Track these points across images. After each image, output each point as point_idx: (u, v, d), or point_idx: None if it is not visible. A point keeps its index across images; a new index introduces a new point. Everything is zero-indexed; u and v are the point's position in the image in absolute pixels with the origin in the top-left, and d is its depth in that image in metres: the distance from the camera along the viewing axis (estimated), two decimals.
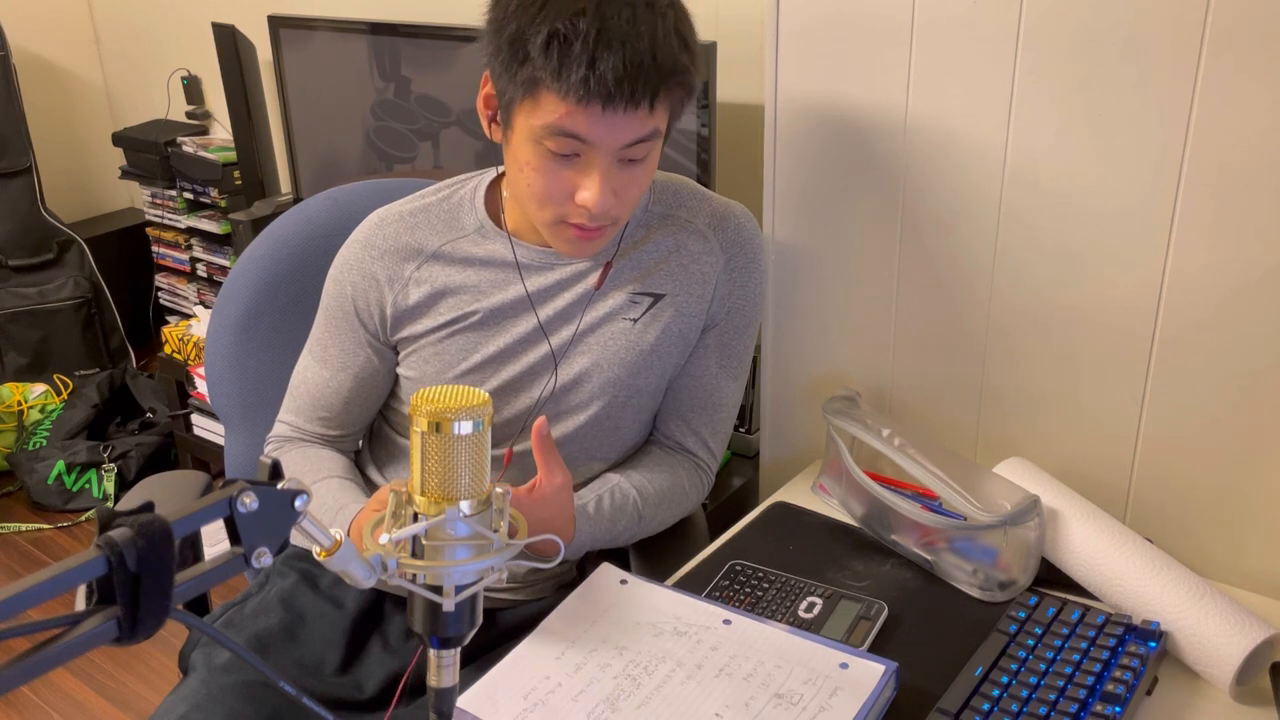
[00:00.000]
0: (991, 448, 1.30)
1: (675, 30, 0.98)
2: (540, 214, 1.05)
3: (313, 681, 1.11)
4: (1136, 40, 1.07)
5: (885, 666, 0.94)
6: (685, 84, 1.00)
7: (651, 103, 0.97)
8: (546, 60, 0.94)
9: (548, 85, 0.95)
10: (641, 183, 1.05)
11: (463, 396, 0.67)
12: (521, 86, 0.98)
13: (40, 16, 3.24)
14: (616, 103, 0.95)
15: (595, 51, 0.93)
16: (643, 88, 0.95)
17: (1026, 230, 1.20)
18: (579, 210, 1.02)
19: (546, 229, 1.06)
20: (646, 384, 1.17)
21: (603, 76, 0.93)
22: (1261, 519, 1.14)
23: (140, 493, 1.32)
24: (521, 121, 1.00)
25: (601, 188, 1.00)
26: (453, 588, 0.68)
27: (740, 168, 1.88)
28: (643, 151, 1.01)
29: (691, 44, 1.01)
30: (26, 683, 0.48)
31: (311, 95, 2.46)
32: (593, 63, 0.93)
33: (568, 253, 1.09)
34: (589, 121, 0.96)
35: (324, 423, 1.21)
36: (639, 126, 0.98)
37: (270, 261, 1.34)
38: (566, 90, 0.94)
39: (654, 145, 1.03)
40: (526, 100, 0.98)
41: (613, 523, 1.13)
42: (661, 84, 0.96)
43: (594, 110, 0.95)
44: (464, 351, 1.14)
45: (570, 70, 0.93)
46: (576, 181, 1.01)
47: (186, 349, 2.63)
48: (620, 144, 0.99)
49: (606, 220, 1.04)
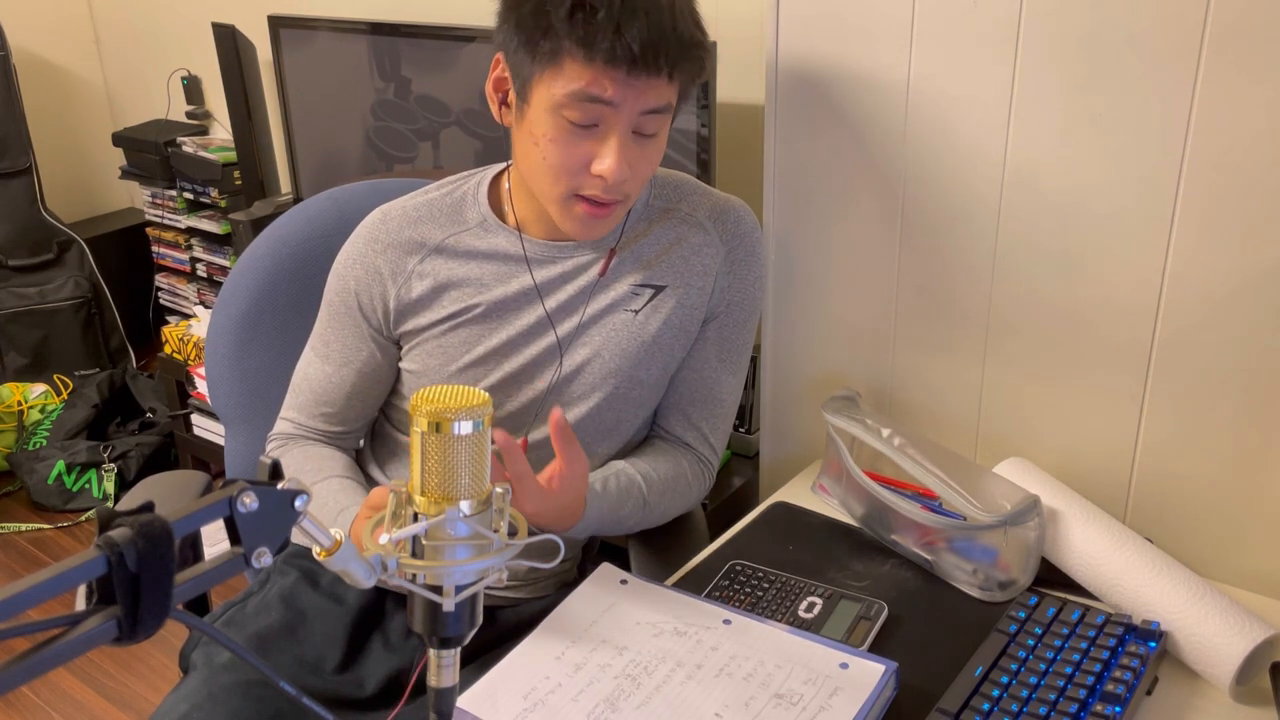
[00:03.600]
0: (991, 448, 1.30)
1: (689, 8, 1.04)
2: (554, 188, 1.06)
3: (314, 679, 1.11)
4: (1137, 40, 1.07)
5: (885, 666, 0.94)
6: (700, 60, 1.05)
7: (671, 72, 1.01)
8: (572, 29, 0.98)
9: (572, 53, 0.99)
10: (653, 159, 1.08)
11: (463, 396, 0.67)
12: (544, 57, 1.01)
13: (40, 16, 3.24)
14: (639, 69, 0.99)
15: (621, 18, 0.97)
16: (665, 56, 0.99)
17: (1026, 230, 1.20)
18: (594, 181, 1.04)
19: (557, 206, 1.08)
20: (648, 375, 1.18)
21: (628, 43, 0.97)
22: (1261, 519, 1.14)
23: (140, 493, 1.32)
24: (542, 93, 1.02)
25: (619, 156, 1.02)
26: (453, 588, 0.68)
27: (740, 168, 1.88)
28: (655, 125, 1.05)
29: (702, 25, 1.06)
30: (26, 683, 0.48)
31: (311, 95, 2.46)
32: (619, 28, 0.97)
33: (576, 233, 1.10)
34: (615, 84, 1.00)
35: (326, 419, 1.21)
36: (657, 95, 1.02)
37: (270, 261, 1.34)
38: (593, 55, 0.98)
39: (665, 120, 1.06)
40: (549, 70, 1.01)
41: (619, 504, 1.13)
42: (682, 55, 1.01)
43: (619, 74, 0.99)
44: (467, 344, 1.14)
45: (597, 37, 0.98)
46: (594, 151, 1.03)
47: (186, 349, 2.63)
48: (641, 109, 1.02)
49: (619, 194, 1.06)
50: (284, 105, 2.52)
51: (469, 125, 2.17)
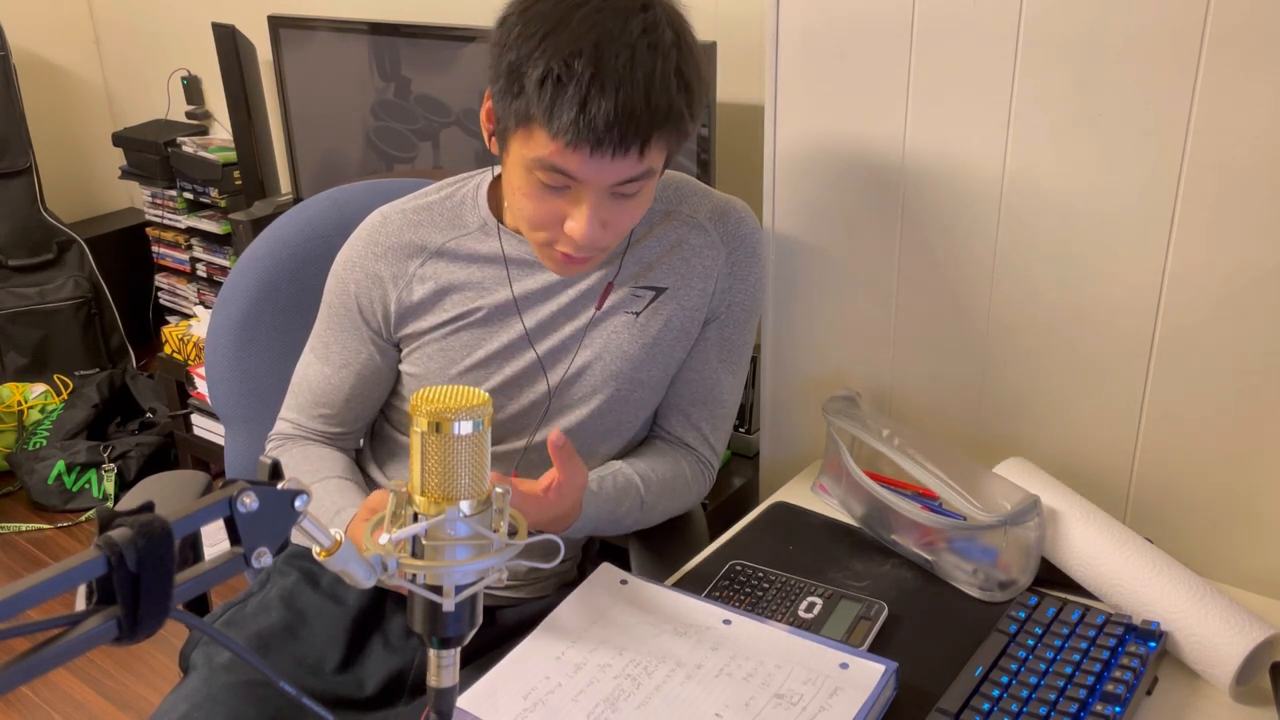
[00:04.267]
0: (991, 448, 1.30)
1: (676, 71, 0.96)
2: (531, 235, 1.06)
3: (313, 679, 1.11)
4: (1136, 40, 1.07)
5: (885, 666, 0.94)
6: (679, 128, 0.99)
7: (642, 148, 0.96)
8: (539, 98, 0.94)
9: (539, 122, 0.95)
10: (633, 215, 1.05)
11: (463, 396, 0.67)
12: (515, 116, 0.98)
13: (40, 16, 3.24)
14: (605, 147, 0.95)
15: (588, 94, 0.92)
16: (633, 134, 0.94)
17: (1026, 230, 1.20)
18: (567, 239, 1.03)
19: (536, 249, 1.08)
20: (649, 377, 1.18)
21: (592, 121, 0.93)
22: (1261, 519, 1.14)
23: (140, 493, 1.32)
24: (515, 149, 1.01)
25: (589, 221, 1.00)
26: (453, 588, 0.68)
27: (740, 168, 1.88)
28: (634, 189, 1.02)
29: (693, 84, 0.99)
30: (26, 683, 0.48)
31: (311, 95, 2.46)
32: (584, 105, 0.93)
33: (556, 272, 1.11)
34: (578, 162, 0.96)
35: (325, 420, 1.21)
36: (628, 169, 0.98)
37: (270, 261, 1.34)
38: (556, 131, 0.94)
39: (646, 183, 1.03)
40: (520, 130, 0.99)
41: (616, 503, 1.13)
42: (654, 129, 0.96)
43: (582, 153, 0.95)
44: (467, 348, 1.14)
45: (561, 111, 0.93)
46: (566, 210, 1.01)
47: (186, 349, 2.63)
48: (609, 184, 0.99)
49: (594, 251, 1.05)
50: (284, 105, 2.52)
51: (469, 125, 2.17)
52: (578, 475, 1.02)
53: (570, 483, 1.02)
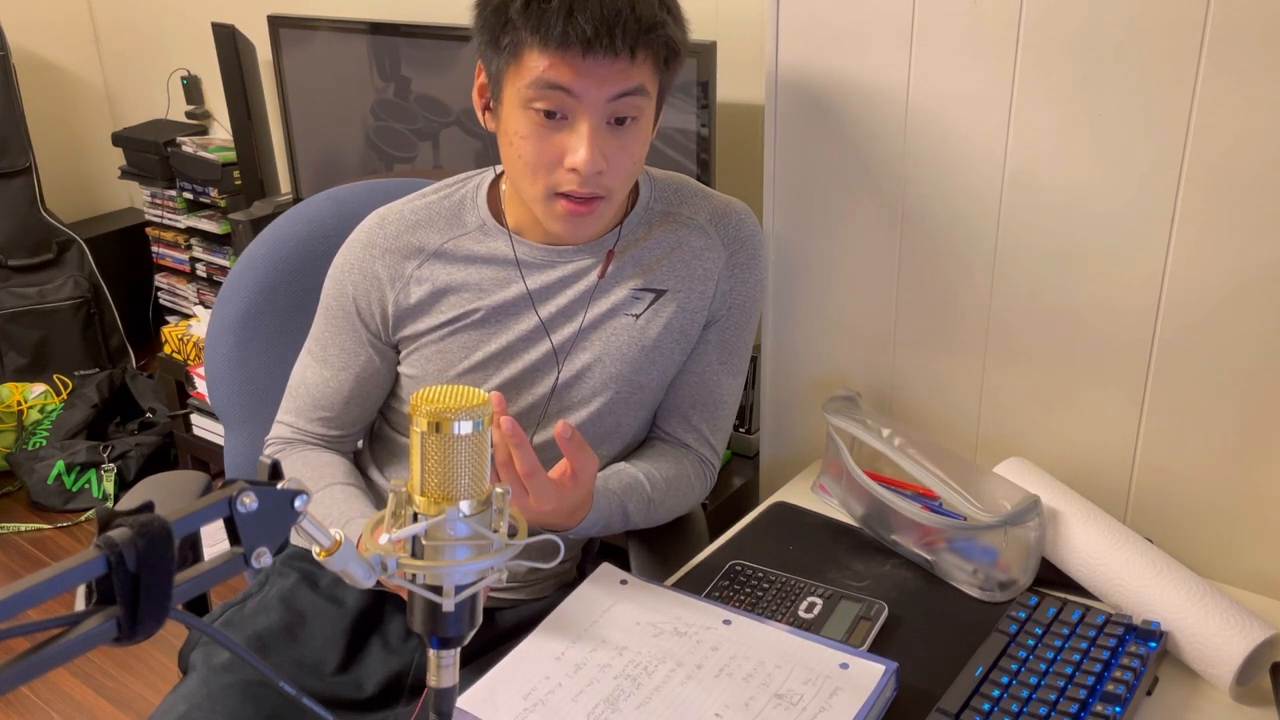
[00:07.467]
0: (991, 448, 1.30)
1: None
2: (533, 187, 1.05)
3: (313, 681, 1.11)
4: (1136, 40, 1.07)
5: (885, 666, 0.94)
6: (666, 40, 1.02)
7: (632, 52, 0.99)
8: (527, 19, 0.98)
9: (529, 43, 0.99)
10: (632, 151, 1.05)
11: (463, 396, 0.67)
12: (506, 52, 1.01)
13: (40, 16, 3.24)
14: (596, 49, 0.98)
15: (574, 3, 0.97)
16: (621, 36, 0.98)
17: (1026, 230, 1.20)
18: (570, 176, 1.03)
19: (540, 206, 1.07)
20: (649, 379, 1.17)
21: (580, 27, 0.97)
22: (1261, 519, 1.14)
23: (140, 493, 1.32)
24: (510, 89, 1.02)
25: (590, 147, 1.01)
26: (453, 588, 0.67)
27: (740, 168, 1.88)
28: (629, 109, 1.02)
29: (672, 7, 1.04)
30: (26, 683, 0.48)
31: (311, 95, 2.46)
32: (570, 14, 0.97)
33: (562, 233, 1.09)
34: (572, 71, 0.99)
35: (324, 423, 1.21)
36: (622, 79, 1.00)
37: (270, 261, 1.34)
38: (547, 41, 0.98)
39: (642, 105, 1.04)
40: (512, 65, 1.01)
41: (623, 500, 1.13)
42: (641, 35, 0.99)
43: (574, 58, 0.98)
44: (466, 349, 1.14)
45: (549, 24, 0.97)
46: (566, 144, 1.02)
47: (186, 349, 2.63)
48: (606, 96, 1.00)
49: (597, 187, 1.04)
50: (284, 105, 2.52)
51: (469, 125, 2.17)
52: (589, 464, 1.02)
53: (584, 471, 1.01)
